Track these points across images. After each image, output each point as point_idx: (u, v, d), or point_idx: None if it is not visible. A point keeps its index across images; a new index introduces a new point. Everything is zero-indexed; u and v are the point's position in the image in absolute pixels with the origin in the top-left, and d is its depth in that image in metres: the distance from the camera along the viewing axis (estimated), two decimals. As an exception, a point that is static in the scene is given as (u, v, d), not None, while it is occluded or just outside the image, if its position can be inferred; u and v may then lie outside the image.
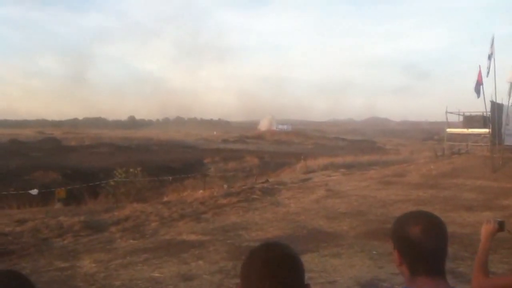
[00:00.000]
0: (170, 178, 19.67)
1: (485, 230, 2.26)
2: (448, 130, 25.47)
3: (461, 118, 25.68)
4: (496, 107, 21.28)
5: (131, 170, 20.11)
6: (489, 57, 19.92)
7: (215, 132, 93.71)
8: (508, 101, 22.65)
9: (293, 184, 19.57)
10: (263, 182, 20.29)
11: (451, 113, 24.80)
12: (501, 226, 2.23)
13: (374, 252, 8.20)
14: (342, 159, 33.12)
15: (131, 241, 9.68)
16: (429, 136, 75.97)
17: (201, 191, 16.26)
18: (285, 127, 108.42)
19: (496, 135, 21.07)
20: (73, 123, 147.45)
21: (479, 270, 2.21)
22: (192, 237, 9.72)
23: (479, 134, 24.42)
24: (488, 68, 19.76)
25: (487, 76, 19.62)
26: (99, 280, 7.01)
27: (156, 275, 7.11)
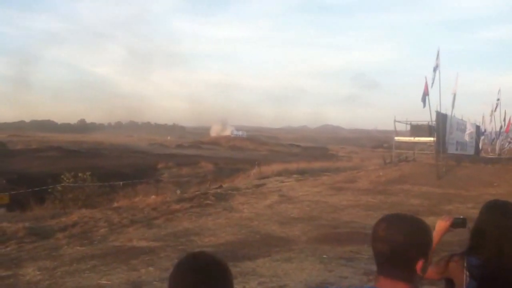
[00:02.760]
0: (121, 183, 19.18)
1: (438, 226, 2.36)
2: (396, 138, 26.41)
3: (409, 127, 26.71)
4: (441, 117, 22.30)
5: (80, 175, 19.44)
6: (434, 69, 20.90)
7: (169, 137, 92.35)
8: (452, 112, 23.86)
9: (247, 189, 19.61)
10: (216, 188, 20.22)
11: (399, 122, 25.76)
12: (463, 223, 2.31)
13: (325, 256, 8.36)
14: (295, 166, 33.52)
15: (78, 247, 9.37)
16: (379, 144, 78.46)
17: (153, 196, 15.97)
18: (240, 133, 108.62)
19: (441, 144, 22.07)
20: (19, 126, 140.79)
21: None
22: (143, 243, 9.54)
23: (425, 143, 25.50)
24: (433, 80, 20.72)
25: (431, 87, 20.57)
26: (43, 289, 6.74)
27: (104, 282, 6.91)
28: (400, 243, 1.48)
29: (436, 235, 2.34)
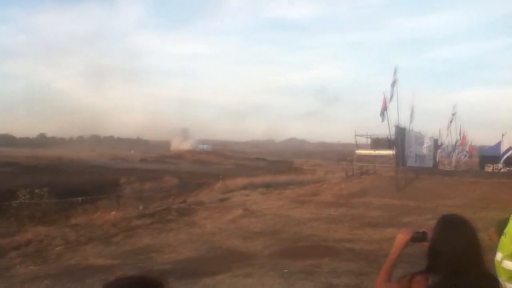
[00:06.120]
0: (80, 199, 18.60)
1: (398, 239, 2.31)
2: (357, 151, 26.97)
3: (369, 141, 27.33)
4: (400, 131, 22.96)
5: (36, 191, 18.76)
6: (392, 85, 21.56)
7: (132, 151, 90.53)
8: (410, 126, 24.61)
9: (210, 204, 19.46)
10: (180, 203, 19.95)
11: (359, 135, 26.35)
12: (423, 237, 2.25)
13: (285, 271, 8.36)
14: (260, 179, 33.61)
15: (32, 267, 9.02)
16: (343, 157, 79.64)
17: (113, 212, 15.57)
18: (205, 147, 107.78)
19: (400, 157, 22.68)
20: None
21: (383, 274, 2.30)
22: (100, 261, 9.27)
23: (385, 156, 26.14)
24: (391, 95, 21.35)
25: (389, 102, 21.17)
26: (-10, 312, 6.43)
27: (57, 303, 6.66)
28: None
29: (395, 249, 2.32)
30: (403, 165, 22.81)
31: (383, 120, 21.35)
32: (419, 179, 22.84)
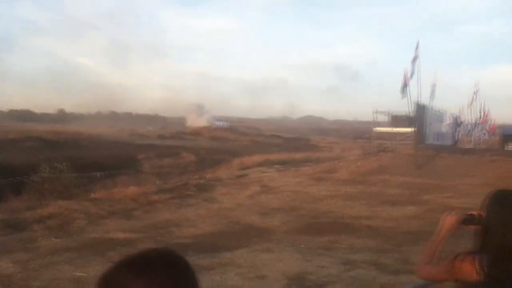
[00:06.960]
0: (99, 174, 18.88)
1: (448, 222, 2.15)
2: (376, 129, 26.70)
3: (388, 118, 27.02)
4: (420, 108, 22.58)
5: (57, 165, 19.10)
6: (413, 61, 21.11)
7: (150, 128, 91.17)
8: (431, 103, 24.18)
9: (228, 180, 19.55)
10: (198, 178, 20.09)
11: (378, 112, 26.05)
12: (476, 220, 2.05)
13: (303, 246, 8.41)
14: (277, 156, 33.53)
15: (54, 239, 9.22)
16: (359, 134, 79.02)
17: (132, 187, 15.76)
18: (222, 123, 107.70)
19: (420, 134, 22.37)
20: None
21: (425, 257, 2.16)
22: (120, 235, 9.44)
23: (404, 133, 25.84)
24: (412, 71, 20.94)
25: (411, 78, 20.79)
26: (16, 281, 6.61)
27: (79, 274, 6.81)
28: None
29: (442, 232, 2.15)
30: (422, 143, 22.50)
31: (403, 97, 21.04)
32: (439, 157, 22.54)
